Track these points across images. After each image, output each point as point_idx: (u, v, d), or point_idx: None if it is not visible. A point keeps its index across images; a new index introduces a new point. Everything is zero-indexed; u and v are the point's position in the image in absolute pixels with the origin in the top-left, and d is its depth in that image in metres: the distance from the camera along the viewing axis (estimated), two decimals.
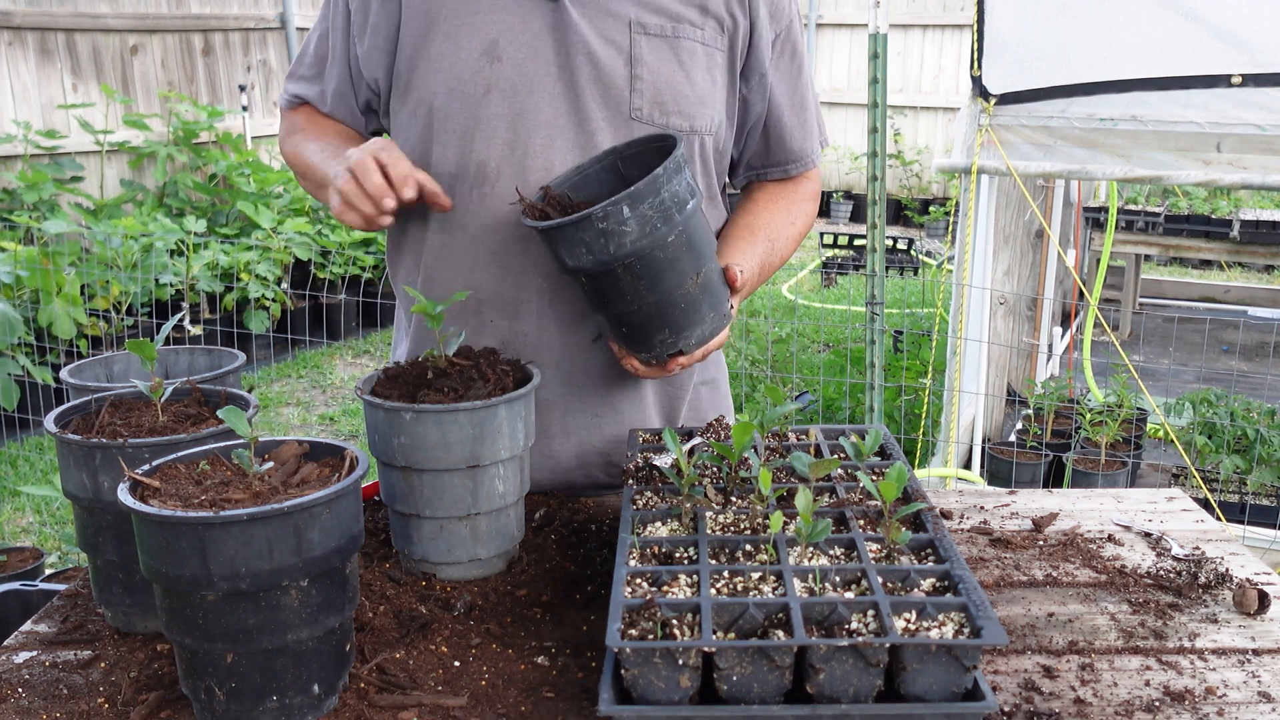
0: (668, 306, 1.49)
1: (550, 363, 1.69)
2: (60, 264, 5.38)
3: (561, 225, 1.43)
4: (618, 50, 1.62)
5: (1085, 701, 1.17)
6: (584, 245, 1.43)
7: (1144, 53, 3.82)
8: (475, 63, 1.62)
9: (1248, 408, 4.52)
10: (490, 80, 1.62)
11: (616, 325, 1.54)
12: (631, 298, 1.47)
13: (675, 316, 1.51)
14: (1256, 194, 7.23)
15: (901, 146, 11.68)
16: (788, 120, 1.79)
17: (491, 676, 1.22)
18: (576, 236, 1.42)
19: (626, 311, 1.50)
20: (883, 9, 4.16)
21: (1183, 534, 1.60)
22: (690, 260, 1.48)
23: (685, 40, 1.65)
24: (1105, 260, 6.03)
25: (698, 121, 1.68)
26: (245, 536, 1.04)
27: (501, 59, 1.62)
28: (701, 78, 1.67)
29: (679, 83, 1.65)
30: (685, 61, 1.65)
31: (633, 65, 1.63)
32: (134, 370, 1.57)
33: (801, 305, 8.33)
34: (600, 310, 1.55)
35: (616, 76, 1.62)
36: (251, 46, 8.74)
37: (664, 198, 1.42)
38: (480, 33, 1.62)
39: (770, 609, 1.06)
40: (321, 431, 5.92)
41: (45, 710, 1.17)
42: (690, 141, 1.68)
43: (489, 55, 1.62)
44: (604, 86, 1.62)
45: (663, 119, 1.64)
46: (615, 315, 1.52)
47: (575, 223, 1.41)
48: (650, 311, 1.49)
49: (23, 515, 4.79)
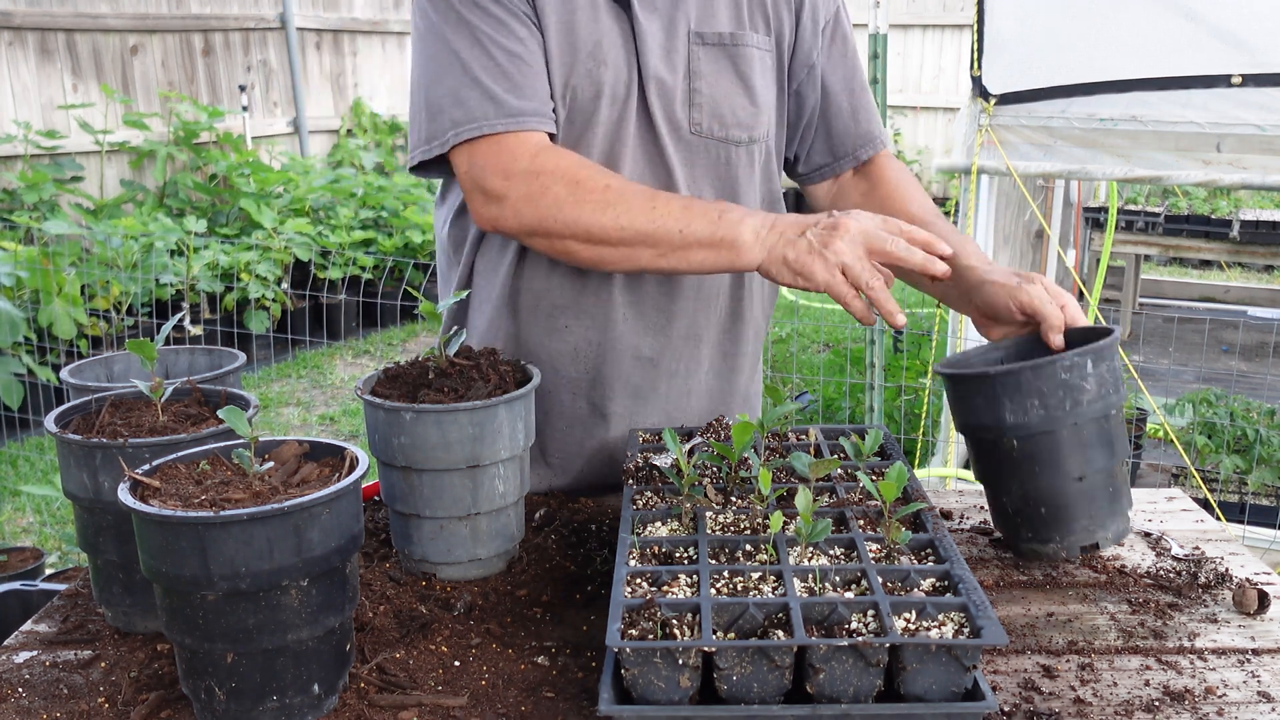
0: (1102, 485, 1.40)
1: (620, 375, 1.68)
2: (60, 264, 5.38)
3: (1020, 371, 1.35)
4: (679, 62, 1.59)
5: (1085, 701, 1.17)
6: (1038, 397, 1.34)
7: (1144, 53, 3.82)
8: (585, 65, 1.55)
9: (1248, 408, 4.52)
10: (598, 85, 1.56)
11: (1034, 502, 1.40)
12: (1072, 466, 1.37)
13: (1103, 501, 1.40)
14: (1256, 194, 7.23)
15: (902, 147, 11.69)
16: (847, 105, 1.75)
17: (491, 676, 1.22)
18: (1033, 386, 1.34)
19: (1053, 485, 1.38)
20: (883, 9, 4.16)
21: (1182, 534, 1.60)
22: (1121, 440, 1.40)
23: (743, 47, 1.62)
24: (1105, 260, 6.03)
25: (756, 131, 1.65)
26: (245, 536, 1.04)
27: (606, 64, 1.55)
28: (760, 84, 1.64)
29: (736, 94, 1.62)
30: (744, 70, 1.62)
31: (690, 79, 1.60)
32: (134, 370, 1.57)
33: (801, 305, 8.33)
34: (1018, 480, 1.40)
35: (676, 91, 1.59)
36: (252, 46, 8.74)
37: (1116, 365, 1.37)
38: (586, 37, 1.55)
39: (770, 609, 1.06)
40: (321, 431, 5.92)
41: (45, 710, 1.17)
42: (751, 151, 1.66)
43: (594, 58, 1.55)
44: (668, 100, 1.59)
45: (722, 132, 1.62)
46: (1040, 488, 1.39)
47: (1035, 369, 1.34)
48: (1082, 488, 1.39)
49: (23, 515, 4.79)
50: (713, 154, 1.65)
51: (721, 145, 1.65)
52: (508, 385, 1.45)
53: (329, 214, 7.61)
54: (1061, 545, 1.42)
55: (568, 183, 1.46)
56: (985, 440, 1.41)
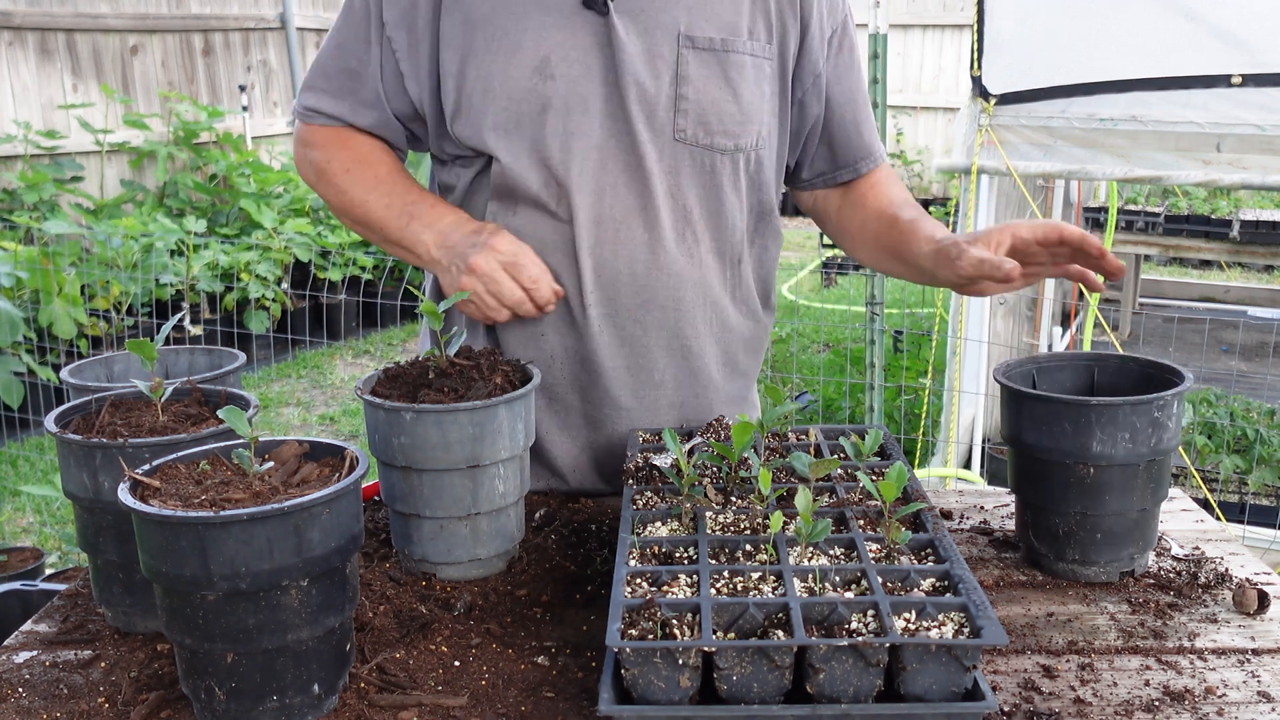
0: (1155, 515, 1.44)
1: (599, 385, 1.68)
2: (60, 264, 5.38)
3: (1119, 405, 1.36)
4: (664, 67, 1.57)
5: (1085, 701, 1.17)
6: (1129, 431, 1.36)
7: (1144, 53, 3.82)
8: (528, 81, 1.56)
9: (1247, 408, 4.53)
10: (544, 99, 1.57)
11: (1093, 528, 1.42)
12: (1140, 498, 1.40)
13: (1150, 530, 1.45)
14: (1256, 194, 7.23)
15: (902, 147, 11.69)
16: (850, 116, 1.75)
17: (491, 676, 1.22)
18: (1128, 420, 1.36)
19: (1119, 514, 1.41)
20: (883, 9, 4.16)
21: (1182, 534, 1.60)
22: (1168, 478, 1.45)
23: (734, 54, 1.60)
24: None
25: (743, 140, 1.64)
26: (245, 536, 1.04)
27: (554, 77, 1.56)
28: (750, 93, 1.62)
29: (724, 101, 1.60)
30: (733, 77, 1.60)
31: (678, 84, 1.58)
32: (134, 370, 1.57)
33: (801, 305, 8.33)
34: (1082, 506, 1.41)
35: (661, 96, 1.58)
36: (251, 46, 8.74)
37: (1180, 411, 1.41)
38: (531, 50, 1.56)
39: (770, 609, 1.06)
40: (321, 431, 5.92)
41: (45, 710, 1.17)
42: (736, 160, 1.65)
43: (541, 73, 1.56)
44: (649, 107, 1.58)
45: (707, 139, 1.61)
46: (1105, 515, 1.41)
47: (1134, 406, 1.36)
48: (1141, 518, 1.42)
49: (23, 515, 4.79)
50: (698, 161, 1.62)
51: (706, 153, 1.62)
52: (508, 385, 1.45)
53: (329, 214, 7.61)
54: (1104, 569, 1.44)
55: (317, 171, 1.71)
56: (1053, 463, 1.42)
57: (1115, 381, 1.53)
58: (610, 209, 1.61)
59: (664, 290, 1.65)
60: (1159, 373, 1.48)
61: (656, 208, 1.61)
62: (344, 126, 1.70)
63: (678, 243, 1.64)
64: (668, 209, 1.63)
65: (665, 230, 1.63)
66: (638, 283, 1.64)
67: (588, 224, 1.60)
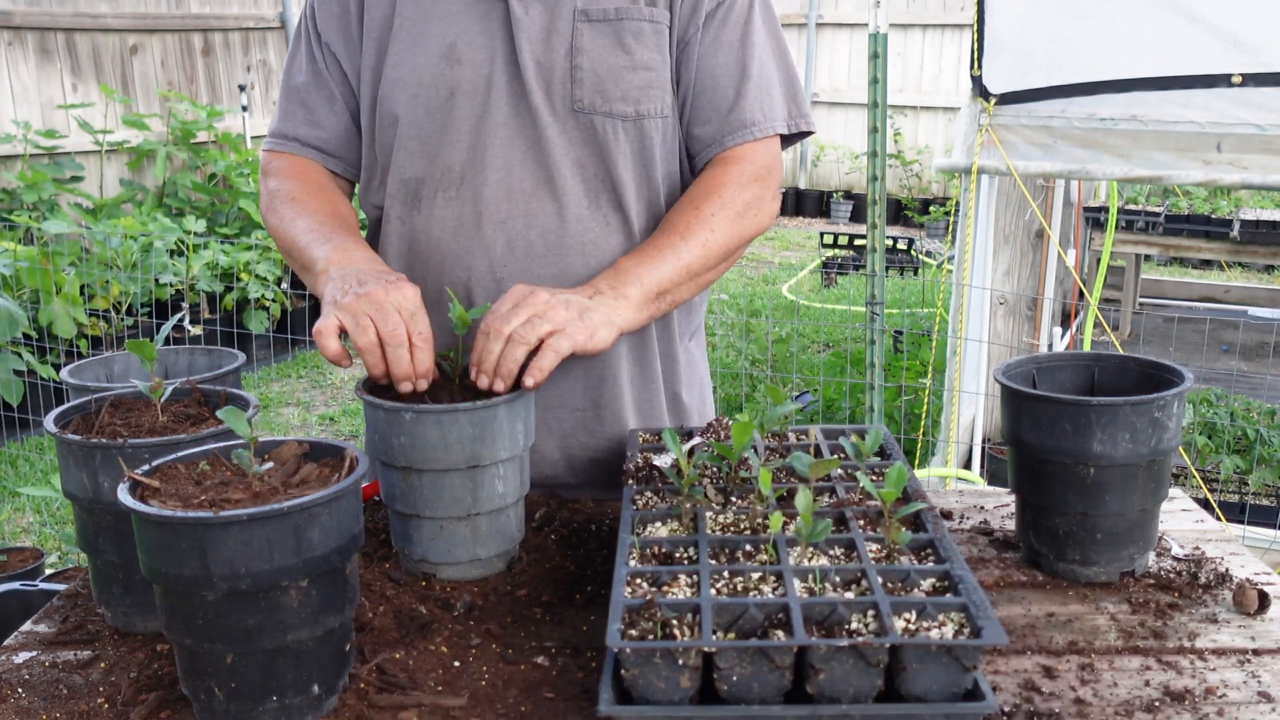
0: (1155, 516, 1.44)
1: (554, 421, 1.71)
2: (60, 264, 5.38)
3: (1120, 405, 1.36)
4: (560, 42, 1.62)
5: (1085, 701, 1.17)
6: (1130, 431, 1.36)
7: (1144, 53, 3.82)
8: (435, 67, 1.63)
9: (1248, 408, 4.52)
10: (452, 84, 1.63)
11: (1094, 529, 1.42)
12: (1141, 498, 1.40)
13: (1150, 530, 1.44)
14: (1256, 194, 7.22)
15: (902, 146, 11.68)
16: (722, 88, 1.68)
17: (491, 676, 1.22)
18: (1129, 420, 1.36)
19: (1119, 514, 1.41)
20: (883, 9, 4.16)
21: (1182, 534, 1.60)
22: (1168, 478, 1.45)
23: (630, 21, 1.63)
24: (1105, 260, 6.03)
25: (644, 105, 1.65)
26: (245, 536, 1.04)
27: (461, 61, 1.63)
28: (649, 57, 1.64)
29: (621, 68, 1.63)
30: (629, 44, 1.63)
31: (573, 56, 1.62)
32: (134, 370, 1.57)
33: (802, 305, 8.33)
34: (1083, 506, 1.41)
35: (557, 69, 1.62)
36: (251, 46, 8.73)
37: (1180, 411, 1.41)
38: (438, 38, 1.64)
39: (770, 609, 1.06)
40: (321, 431, 5.92)
41: (45, 710, 1.17)
42: (641, 127, 1.65)
43: (448, 59, 1.63)
44: (546, 81, 1.63)
45: (605, 106, 1.63)
46: (1105, 515, 1.41)
47: (1135, 406, 1.36)
48: (1141, 518, 1.42)
49: (23, 515, 4.79)
50: (601, 129, 1.64)
51: (608, 120, 1.64)
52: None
53: None
54: (1104, 569, 1.44)
55: (270, 195, 1.73)
56: (1054, 463, 1.42)
57: (1115, 381, 1.53)
58: (520, 182, 1.65)
59: (578, 259, 1.67)
60: (1159, 373, 1.48)
61: (564, 178, 1.65)
62: (306, 157, 1.75)
63: (591, 211, 1.67)
64: (576, 179, 1.66)
65: (574, 200, 1.66)
66: (551, 253, 1.66)
67: (498, 199, 1.64)
